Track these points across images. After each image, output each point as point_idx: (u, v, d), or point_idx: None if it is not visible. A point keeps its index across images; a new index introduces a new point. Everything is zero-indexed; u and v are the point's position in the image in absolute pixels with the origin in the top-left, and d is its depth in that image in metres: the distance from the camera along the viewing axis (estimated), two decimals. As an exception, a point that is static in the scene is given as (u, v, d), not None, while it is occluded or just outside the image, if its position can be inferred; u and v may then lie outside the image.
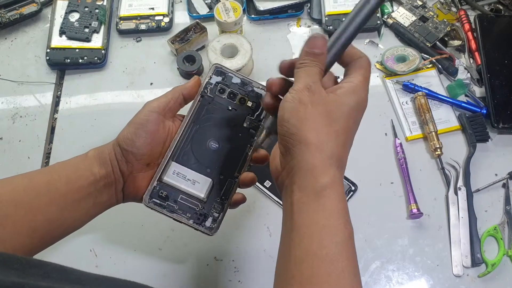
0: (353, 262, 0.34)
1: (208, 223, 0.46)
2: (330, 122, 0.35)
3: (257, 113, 0.48)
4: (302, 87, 0.36)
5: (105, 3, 0.81)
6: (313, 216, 0.34)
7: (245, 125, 0.48)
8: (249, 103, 0.48)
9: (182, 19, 0.83)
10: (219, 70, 0.48)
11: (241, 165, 0.47)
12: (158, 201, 0.45)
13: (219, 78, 0.48)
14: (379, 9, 0.80)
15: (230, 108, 0.47)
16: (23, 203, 0.41)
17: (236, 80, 0.48)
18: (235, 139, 0.47)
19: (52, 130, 0.74)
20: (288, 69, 0.40)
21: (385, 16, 0.81)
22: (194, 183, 0.46)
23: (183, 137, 0.46)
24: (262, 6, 0.80)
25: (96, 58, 0.77)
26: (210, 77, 0.48)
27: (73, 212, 0.43)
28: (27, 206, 0.41)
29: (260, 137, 0.42)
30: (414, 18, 0.81)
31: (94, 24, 0.79)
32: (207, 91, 0.47)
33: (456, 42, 0.79)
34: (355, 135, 0.38)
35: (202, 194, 0.46)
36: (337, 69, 0.40)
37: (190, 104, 0.48)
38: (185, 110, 0.48)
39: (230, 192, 0.46)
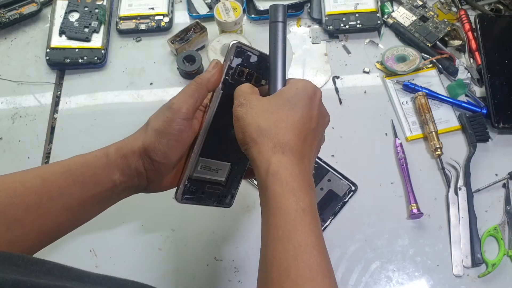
0: (312, 236, 0.35)
1: (228, 200, 0.50)
2: (266, 117, 0.39)
3: None
4: (235, 106, 0.40)
5: (105, 3, 0.81)
6: (267, 201, 0.37)
7: None
8: (263, 82, 0.45)
9: (182, 19, 0.83)
10: (240, 50, 0.43)
11: None
12: (189, 196, 0.47)
13: (239, 60, 0.43)
14: (379, 9, 0.80)
15: None
16: (34, 208, 0.39)
17: (253, 58, 0.44)
18: None
19: (52, 130, 0.74)
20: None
21: (385, 16, 0.81)
22: (218, 171, 0.48)
23: (208, 132, 0.45)
24: (262, 6, 0.80)
25: (96, 58, 0.77)
26: (231, 60, 0.43)
27: (85, 215, 0.43)
28: (38, 211, 0.39)
29: None
30: (414, 18, 0.81)
31: (94, 24, 0.79)
32: (229, 77, 0.44)
33: (456, 42, 0.79)
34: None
35: (222, 178, 0.48)
36: (337, 69, 0.40)
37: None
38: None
39: (245, 169, 0.49)
